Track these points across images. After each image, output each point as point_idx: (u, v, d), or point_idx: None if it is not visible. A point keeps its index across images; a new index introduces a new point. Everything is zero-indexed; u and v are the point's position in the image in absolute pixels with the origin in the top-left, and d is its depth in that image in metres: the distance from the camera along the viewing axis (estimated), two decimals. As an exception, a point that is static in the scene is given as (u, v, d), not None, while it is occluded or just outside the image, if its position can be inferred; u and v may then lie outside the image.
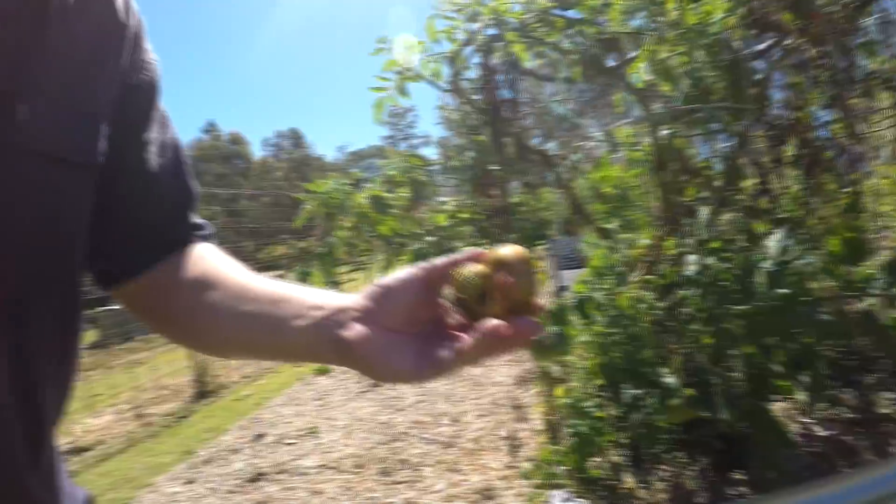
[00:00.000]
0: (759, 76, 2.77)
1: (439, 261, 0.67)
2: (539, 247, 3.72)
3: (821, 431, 2.33)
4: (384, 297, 0.66)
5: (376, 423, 4.80)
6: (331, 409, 5.37)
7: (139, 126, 0.73)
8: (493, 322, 0.60)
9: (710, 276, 1.87)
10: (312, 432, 4.79)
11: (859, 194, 2.47)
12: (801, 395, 2.10)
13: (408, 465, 3.96)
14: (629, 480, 2.07)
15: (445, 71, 2.14)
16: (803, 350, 1.86)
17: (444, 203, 2.04)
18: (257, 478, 4.04)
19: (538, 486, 2.32)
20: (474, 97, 2.06)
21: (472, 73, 2.10)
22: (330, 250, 2.10)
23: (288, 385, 6.49)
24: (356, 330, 0.64)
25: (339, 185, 2.17)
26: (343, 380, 6.18)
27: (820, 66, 2.96)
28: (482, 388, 5.35)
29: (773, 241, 1.84)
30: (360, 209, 2.02)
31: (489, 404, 4.85)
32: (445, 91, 2.07)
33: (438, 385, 5.55)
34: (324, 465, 4.11)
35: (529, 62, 2.22)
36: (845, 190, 2.09)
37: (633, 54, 2.13)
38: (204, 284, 0.74)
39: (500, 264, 0.64)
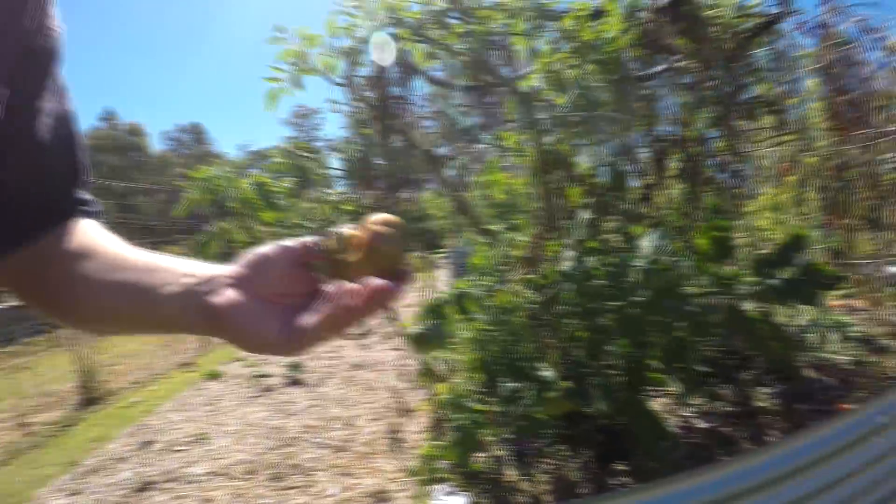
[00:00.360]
0: (647, 92, 2.91)
1: (317, 237, 0.69)
2: (436, 254, 3.76)
3: (700, 424, 2.45)
4: (259, 264, 0.68)
5: (268, 428, 4.69)
6: (221, 415, 5.20)
7: (35, 93, 0.70)
8: (351, 285, 0.61)
9: (585, 273, 1.94)
10: (202, 438, 4.62)
11: (728, 198, 2.64)
12: (675, 388, 2.20)
13: (300, 470, 3.89)
14: (512, 474, 2.10)
15: (341, 66, 2.14)
16: (676, 344, 1.95)
17: (328, 194, 2.02)
18: (146, 487, 3.86)
19: (423, 483, 2.32)
20: (366, 93, 2.06)
21: (367, 70, 2.10)
22: (209, 239, 2.04)
23: (178, 391, 6.25)
24: (225, 296, 0.65)
25: (222, 172, 2.11)
26: (234, 385, 6.04)
27: (707, 88, 3.14)
28: (375, 392, 5.35)
29: (647, 241, 1.93)
30: (244, 196, 1.97)
31: (382, 408, 4.84)
32: (339, 85, 2.06)
33: (331, 389, 5.52)
34: (214, 472, 3.97)
35: (424, 63, 2.26)
36: (716, 196, 2.21)
37: (522, 59, 2.18)
38: (80, 256, 0.73)
39: (370, 227, 0.66)
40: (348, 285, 0.62)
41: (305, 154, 2.02)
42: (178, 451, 4.46)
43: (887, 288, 4.06)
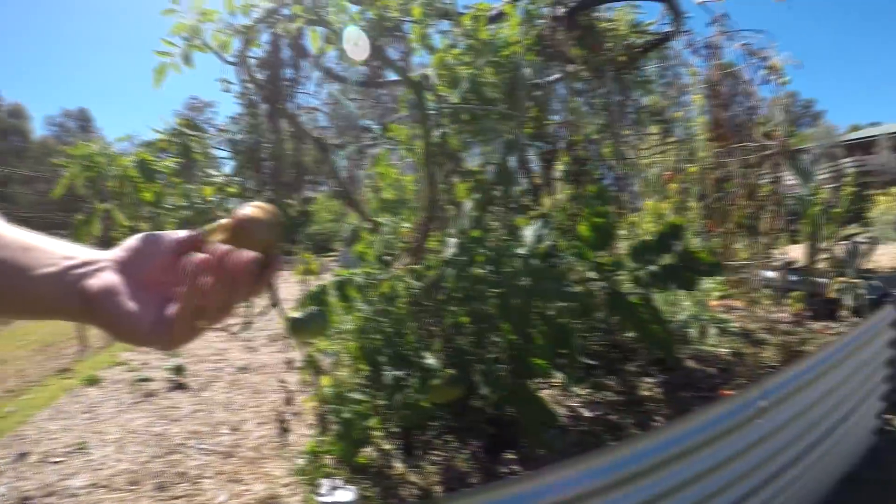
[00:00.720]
0: (539, 95, 2.99)
1: (198, 230, 0.68)
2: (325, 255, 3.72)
3: (587, 413, 2.51)
4: (140, 250, 0.66)
5: (150, 435, 4.44)
6: (101, 423, 4.87)
7: None
8: (203, 255, 0.61)
9: (468, 260, 1.95)
10: (81, 448, 4.32)
11: (612, 199, 2.75)
12: (561, 377, 2.25)
13: (186, 479, 3.71)
14: (400, 466, 2.07)
15: (235, 44, 2.07)
16: (559, 331, 1.99)
17: (213, 176, 1.94)
18: (22, 502, 3.59)
19: (309, 481, 2.27)
20: (258, 74, 2.01)
21: (260, 51, 2.04)
22: (88, 219, 1.92)
23: (55, 398, 5.83)
24: (102, 279, 0.63)
25: (102, 148, 1.99)
26: (114, 391, 5.70)
27: (598, 95, 3.27)
28: (262, 395, 5.19)
29: (530, 231, 1.96)
30: (124, 174, 1.87)
31: (269, 411, 4.71)
32: (231, 64, 2.00)
33: (216, 393, 5.33)
34: (95, 484, 3.72)
35: (320, 48, 2.22)
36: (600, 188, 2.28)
37: (418, 51, 2.19)
38: None
39: (240, 212, 0.67)
40: (202, 256, 0.61)
41: (192, 133, 1.93)
42: (57, 462, 4.14)
43: (762, 289, 4.34)
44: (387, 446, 2.21)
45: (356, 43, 2.08)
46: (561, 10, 2.84)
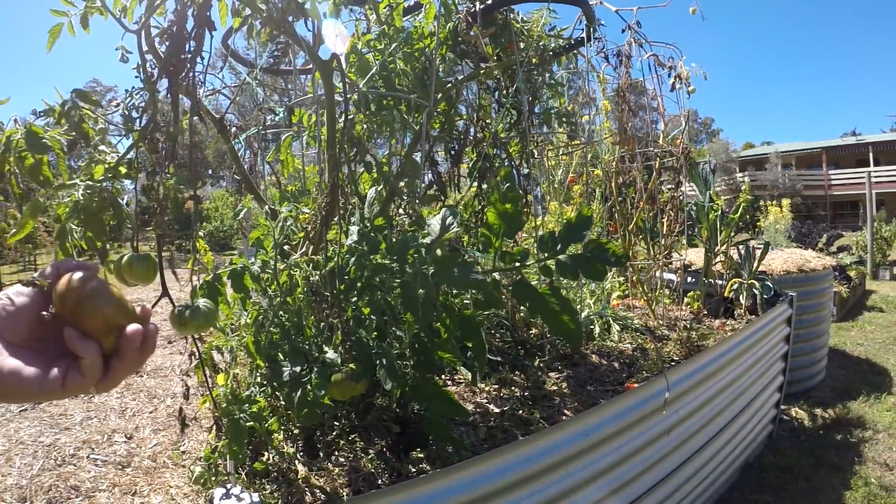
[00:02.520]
0: (450, 88, 2.98)
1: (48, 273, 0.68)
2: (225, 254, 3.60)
3: (495, 408, 2.50)
4: (5, 309, 0.64)
5: (40, 446, 4.12)
6: (-16, 434, 4.52)
7: None
8: (90, 359, 0.62)
9: (370, 248, 1.90)
10: (-37, 463, 3.98)
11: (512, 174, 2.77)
12: (467, 372, 2.22)
13: (79, 493, 3.48)
14: (301, 469, 1.99)
15: (137, 10, 1.93)
16: (463, 322, 1.96)
17: (105, 153, 1.80)
18: None
19: (206, 488, 2.15)
20: (160, 46, 1.88)
21: (164, 20, 1.91)
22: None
23: (-67, 410, 5.38)
24: None
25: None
26: (-2, 398, 5.31)
27: (508, 94, 3.29)
28: (158, 399, 4.94)
29: (436, 220, 1.92)
30: (10, 147, 1.70)
31: (166, 417, 4.48)
32: (132, 32, 1.86)
33: (109, 398, 5.02)
34: (-20, 502, 3.44)
35: (228, 22, 2.13)
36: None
37: (327, 28, 2.12)
38: None
39: (65, 290, 0.65)
40: (86, 359, 0.62)
41: (84, 106, 1.78)
42: (-65, 480, 3.81)
43: (662, 289, 4.49)
44: (288, 448, 2.11)
45: (336, 35, 2.02)
46: (478, 6, 2.83)
